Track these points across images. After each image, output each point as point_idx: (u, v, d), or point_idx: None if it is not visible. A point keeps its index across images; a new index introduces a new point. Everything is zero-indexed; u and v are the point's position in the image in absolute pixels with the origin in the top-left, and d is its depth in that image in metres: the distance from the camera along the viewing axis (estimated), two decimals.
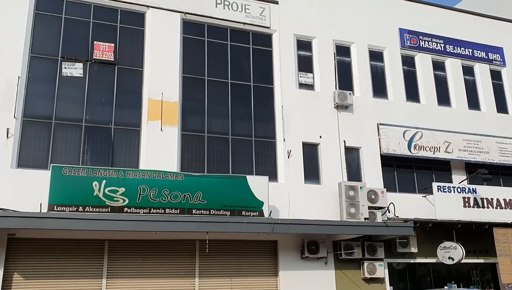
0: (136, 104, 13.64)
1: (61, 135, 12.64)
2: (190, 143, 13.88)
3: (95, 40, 13.61)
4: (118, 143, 13.20)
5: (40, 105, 12.69)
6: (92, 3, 13.86)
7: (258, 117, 14.79)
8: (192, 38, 14.80)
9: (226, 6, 15.24)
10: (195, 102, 14.31)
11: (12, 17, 12.80)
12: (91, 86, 13.28)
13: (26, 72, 12.68)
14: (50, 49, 13.17)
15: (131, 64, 13.93)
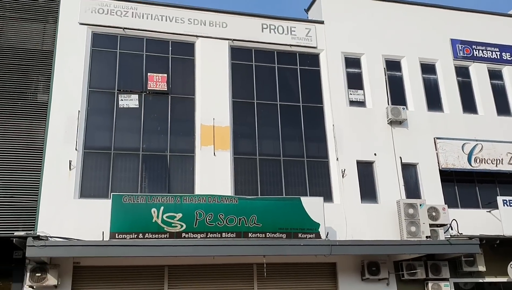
0: (190, 130, 13.96)
1: (120, 164, 13.11)
2: (243, 166, 13.99)
3: (149, 72, 14.13)
4: (173, 169, 13.51)
5: (100, 137, 13.25)
6: (144, 37, 14.46)
7: (309, 137, 14.71)
8: (240, 63, 15.06)
9: (272, 30, 15.44)
10: (245, 126, 14.47)
11: (72, 55, 13.56)
12: (146, 115, 13.75)
13: (85, 106, 13.33)
14: (107, 83, 13.80)
15: (183, 92, 14.32)
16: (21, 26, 13.67)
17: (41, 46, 13.65)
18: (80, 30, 13.88)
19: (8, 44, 13.41)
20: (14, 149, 12.46)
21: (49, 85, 13.22)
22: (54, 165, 12.39)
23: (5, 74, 13.09)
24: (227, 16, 15.20)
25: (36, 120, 12.86)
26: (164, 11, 14.71)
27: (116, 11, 14.32)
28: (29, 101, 13.05)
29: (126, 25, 14.29)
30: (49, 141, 12.61)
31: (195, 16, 14.92)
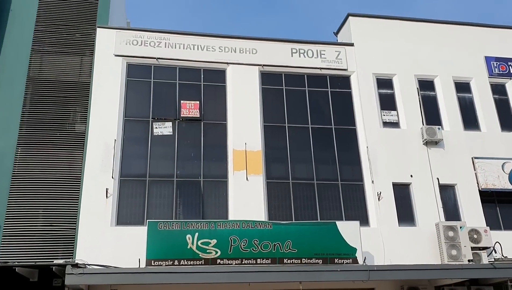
0: (222, 156, 14.06)
1: (155, 191, 13.28)
2: (276, 190, 13.92)
3: (182, 99, 14.40)
4: (207, 195, 13.58)
5: (135, 164, 13.51)
6: (177, 66, 14.80)
7: (342, 160, 14.55)
8: (271, 88, 15.18)
9: (301, 54, 15.54)
10: (277, 150, 14.46)
11: (107, 86, 14.00)
12: (180, 142, 13.95)
13: (121, 135, 13.65)
14: (142, 112, 14.13)
15: (216, 118, 14.49)
16: (59, 59, 14.26)
17: (78, 78, 14.17)
18: (116, 62, 14.34)
19: (47, 77, 13.98)
20: (53, 178, 12.84)
21: (86, 115, 13.65)
22: (91, 193, 12.67)
23: (45, 106, 13.61)
24: (256, 43, 15.41)
25: (74, 150, 13.25)
26: (195, 40, 15.05)
27: (150, 42, 14.75)
28: (67, 131, 13.49)
29: (160, 55, 14.68)
30: (86, 170, 12.94)
31: (226, 44, 15.20)
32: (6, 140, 13.02)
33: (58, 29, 14.60)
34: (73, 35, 14.63)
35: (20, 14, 14.57)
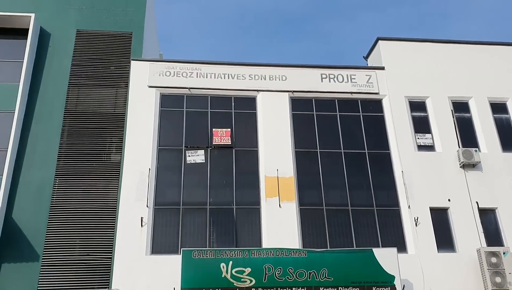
0: (254, 182, 14.05)
1: (188, 219, 13.34)
2: (309, 217, 13.75)
3: (214, 127, 14.57)
4: (240, 222, 13.53)
5: (169, 193, 13.64)
6: (208, 95, 15.03)
7: (377, 185, 14.29)
8: (301, 113, 15.18)
9: (331, 79, 15.54)
10: (310, 176, 14.33)
11: (142, 116, 14.32)
12: (212, 170, 14.04)
13: (155, 164, 13.85)
14: (175, 140, 14.34)
15: (247, 145, 14.56)
16: (96, 92, 14.72)
17: (114, 110, 14.56)
18: (149, 93, 14.70)
19: (84, 109, 14.43)
20: (90, 208, 13.09)
21: (122, 145, 13.95)
22: (127, 222, 12.84)
23: (82, 137, 14.01)
24: (286, 70, 15.53)
25: (110, 180, 13.52)
26: (226, 70, 15.31)
27: (182, 73, 15.08)
28: (103, 161, 13.80)
29: (191, 85, 14.97)
30: (122, 199, 13.15)
31: (256, 72, 15.38)
32: (45, 172, 13.41)
33: (94, 63, 15.12)
34: (108, 68, 15.11)
35: (58, 49, 15.20)
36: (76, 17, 15.74)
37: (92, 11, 15.90)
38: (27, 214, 12.85)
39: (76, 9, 15.87)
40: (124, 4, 16.12)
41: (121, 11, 16.00)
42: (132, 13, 16.02)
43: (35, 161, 13.52)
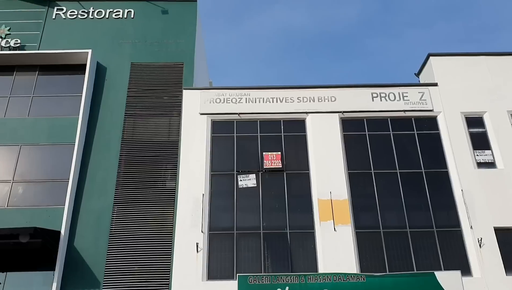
0: (307, 206, 13.88)
1: (243, 244, 13.33)
2: (366, 240, 13.37)
3: (264, 151, 14.62)
4: (295, 246, 13.36)
5: (223, 218, 13.73)
6: (258, 119, 15.16)
7: (436, 205, 13.73)
8: (353, 134, 14.97)
9: (382, 98, 15.28)
10: (365, 197, 14.01)
11: (194, 143, 14.63)
12: (264, 194, 14.03)
13: (208, 189, 14.02)
14: (227, 165, 14.50)
15: (298, 168, 14.48)
16: (150, 121, 15.21)
17: (168, 138, 14.96)
18: (201, 120, 15.02)
19: (139, 138, 14.91)
20: (147, 234, 13.37)
21: (176, 172, 14.26)
22: (183, 248, 13.00)
23: (138, 166, 14.44)
24: (335, 90, 15.44)
25: (165, 206, 13.80)
26: (274, 93, 15.42)
27: (232, 99, 15.33)
28: (159, 188, 14.13)
29: (241, 110, 15.17)
30: (177, 225, 13.37)
31: (304, 94, 15.38)
32: (104, 200, 13.89)
33: (148, 93, 15.69)
34: (161, 97, 15.62)
35: (114, 82, 15.91)
36: (130, 51, 16.47)
37: (145, 45, 16.59)
38: (87, 242, 13.30)
39: (130, 43, 16.61)
40: (175, 36, 16.73)
41: (172, 43, 16.59)
42: (183, 44, 16.58)
43: (95, 190, 14.05)
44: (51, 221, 13.39)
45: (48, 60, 16.04)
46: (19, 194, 14.02)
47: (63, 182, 14.05)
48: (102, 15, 17.12)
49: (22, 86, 15.88)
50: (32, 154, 14.63)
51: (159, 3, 17.40)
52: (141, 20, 17.09)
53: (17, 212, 13.64)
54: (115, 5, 17.26)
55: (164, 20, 17.09)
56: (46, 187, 14.15)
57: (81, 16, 17.11)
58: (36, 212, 13.60)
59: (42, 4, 17.22)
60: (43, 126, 15.00)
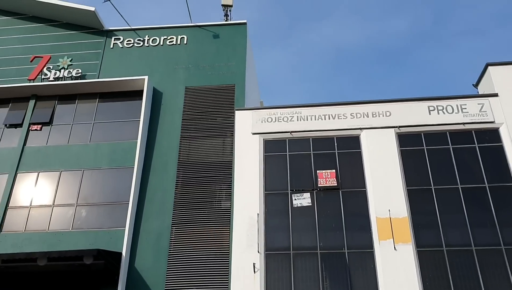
0: (365, 225, 13.54)
1: (299, 264, 13.15)
2: (429, 259, 12.82)
3: (318, 169, 14.48)
4: (353, 267, 13.02)
5: (278, 238, 13.64)
6: (310, 137, 15.08)
7: (503, 221, 12.98)
8: (410, 149, 14.53)
9: (440, 111, 14.78)
10: (425, 215, 13.49)
11: (248, 163, 14.74)
12: (320, 213, 13.84)
13: (263, 209, 14.02)
14: (281, 184, 14.45)
15: (354, 186, 14.19)
16: (204, 142, 15.52)
17: (221, 158, 15.18)
18: (253, 139, 15.14)
19: (195, 160, 15.23)
20: (204, 254, 13.52)
21: (231, 192, 14.39)
22: (240, 268, 13.01)
23: (194, 186, 14.72)
24: (390, 105, 15.12)
25: (221, 226, 13.92)
26: (326, 110, 15.31)
27: (283, 118, 15.38)
28: (214, 208, 14.30)
29: (293, 128, 15.16)
30: (234, 245, 13.42)
31: (357, 110, 15.17)
32: (163, 221, 14.22)
33: (201, 115, 16.06)
34: (215, 119, 15.93)
35: (169, 106, 16.41)
36: (184, 75, 16.99)
37: (198, 69, 17.06)
38: (148, 263, 13.61)
39: (184, 68, 17.15)
40: (226, 59, 17.10)
41: (224, 65, 16.96)
42: (234, 66, 16.90)
43: (154, 211, 14.43)
44: (113, 242, 13.86)
45: (107, 88, 16.84)
46: (82, 217, 14.64)
47: (123, 204, 14.53)
48: (157, 42, 17.83)
49: (83, 113, 16.73)
50: (94, 178, 15.29)
51: (210, 28, 17.91)
52: (193, 45, 17.63)
53: (81, 234, 14.24)
54: (168, 32, 17.94)
55: (215, 44, 17.54)
56: (108, 210, 14.69)
57: (137, 44, 17.89)
58: (99, 234, 14.14)
59: (100, 35, 18.18)
60: (104, 151, 15.67)
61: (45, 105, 16.96)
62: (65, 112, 16.83)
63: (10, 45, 18.29)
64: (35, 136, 16.40)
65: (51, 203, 14.97)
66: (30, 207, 14.99)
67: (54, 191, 15.18)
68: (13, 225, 14.73)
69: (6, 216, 14.88)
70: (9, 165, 15.78)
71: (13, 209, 15.03)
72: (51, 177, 15.46)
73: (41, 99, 17.10)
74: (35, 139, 16.34)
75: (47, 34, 18.33)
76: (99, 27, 18.18)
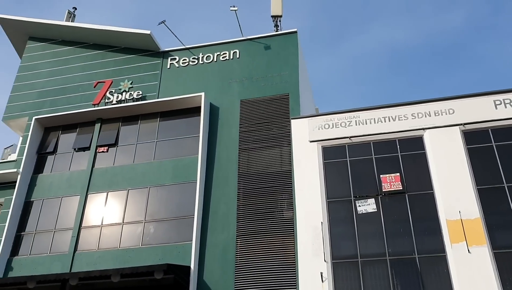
0: (435, 228, 13.01)
1: (368, 272, 12.82)
2: (507, 261, 12.12)
3: (381, 174, 14.11)
4: (426, 272, 12.52)
5: (344, 246, 13.38)
6: (371, 141, 14.76)
7: None
8: (478, 146, 13.86)
9: (507, 105, 14.03)
10: (500, 214, 12.80)
11: (307, 171, 14.63)
12: (386, 218, 13.46)
13: (327, 217, 13.83)
14: (343, 191, 14.21)
15: (420, 188, 13.71)
16: (262, 153, 15.61)
17: (280, 168, 15.19)
18: (311, 147, 15.03)
19: (254, 171, 15.34)
20: (270, 264, 13.51)
21: (292, 201, 14.34)
22: (307, 278, 12.88)
23: (255, 198, 14.81)
24: (452, 102, 14.52)
25: (285, 236, 13.89)
26: (386, 113, 14.94)
27: (341, 123, 15.17)
28: (277, 219, 14.29)
29: (352, 133, 14.91)
30: (299, 255, 13.32)
31: (418, 110, 14.69)
32: (227, 233, 14.40)
33: (258, 127, 16.18)
34: (271, 129, 15.99)
35: (226, 120, 16.68)
36: (238, 89, 17.24)
37: (251, 81, 17.25)
38: (216, 275, 13.80)
39: (238, 82, 17.40)
40: (278, 69, 17.18)
41: (277, 75, 17.04)
42: (287, 75, 16.94)
43: (218, 224, 14.65)
44: (181, 256, 14.20)
45: (167, 107, 17.41)
46: (151, 233, 15.12)
47: (189, 218, 14.87)
48: (210, 59, 18.24)
49: (146, 132, 17.38)
50: (160, 194, 15.78)
51: (261, 40, 18.10)
52: (246, 59, 17.87)
53: (150, 250, 14.70)
54: (221, 48, 18.31)
55: (267, 55, 17.68)
56: (174, 224, 15.09)
57: (192, 63, 18.39)
58: (167, 249, 14.53)
59: (157, 56, 18.87)
60: (168, 168, 16.16)
61: (110, 128, 17.79)
62: (129, 133, 17.56)
63: (75, 73, 19.39)
64: (102, 158, 17.21)
65: (121, 221, 15.60)
66: (101, 226, 15.70)
67: (123, 209, 15.82)
68: (87, 244, 15.48)
69: (80, 236, 15.65)
70: (80, 187, 16.64)
71: (86, 228, 15.80)
72: (119, 196, 16.13)
73: (106, 122, 17.95)
74: (102, 160, 17.15)
75: (108, 60, 19.28)
76: (156, 49, 18.87)
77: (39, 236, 16.15)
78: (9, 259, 15.85)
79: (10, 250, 16.02)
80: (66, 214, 16.26)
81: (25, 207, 16.87)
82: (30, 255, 15.80)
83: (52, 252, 15.62)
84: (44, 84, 19.46)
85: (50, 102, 18.84)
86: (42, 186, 17.16)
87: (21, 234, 16.34)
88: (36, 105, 18.93)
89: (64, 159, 17.68)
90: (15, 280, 13.44)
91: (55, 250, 15.64)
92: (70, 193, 16.67)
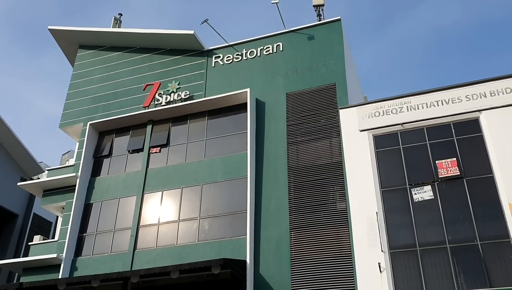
0: (497, 213, 12.47)
1: (428, 261, 12.46)
2: None
3: (436, 159, 13.66)
4: (489, 259, 12.02)
5: (402, 235, 13.07)
6: (424, 126, 14.31)
7: None
8: None
9: None
10: None
11: (359, 161, 14.39)
12: (444, 205, 13.03)
13: (381, 207, 13.55)
14: (397, 180, 13.87)
15: (479, 172, 13.17)
16: (311, 146, 15.49)
17: (331, 159, 15.02)
18: (362, 137, 14.76)
19: (304, 164, 15.26)
20: (326, 256, 13.44)
21: (345, 192, 14.16)
22: (364, 269, 12.70)
23: (306, 190, 14.73)
24: (509, 81, 13.82)
25: (339, 227, 13.75)
26: (438, 96, 14.44)
27: (391, 110, 14.80)
28: (330, 210, 14.16)
29: (404, 120, 14.51)
30: (355, 246, 13.16)
31: (473, 91, 14.08)
32: (281, 226, 14.42)
33: (305, 119, 16.07)
34: (319, 121, 15.84)
35: (273, 114, 16.67)
36: (283, 82, 17.17)
37: (296, 73, 17.14)
38: (271, 269, 13.87)
39: (282, 75, 17.34)
40: (323, 59, 16.96)
41: (322, 65, 16.83)
42: (332, 65, 16.69)
43: (271, 218, 14.70)
44: (236, 251, 14.37)
45: (214, 105, 17.63)
46: (206, 229, 15.40)
47: (241, 213, 15.02)
48: (254, 54, 18.28)
49: (196, 131, 17.68)
50: (212, 191, 16.03)
51: (304, 30, 17.93)
52: (290, 51, 17.77)
53: (206, 245, 14.98)
54: (264, 42, 18.30)
55: (311, 46, 17.49)
56: (228, 220, 15.29)
57: (236, 59, 18.51)
58: (223, 244, 14.76)
59: (201, 56, 19.13)
60: (218, 165, 16.38)
61: (161, 129, 18.25)
62: (179, 132, 17.94)
63: (124, 77, 20.00)
64: (156, 158, 17.68)
65: (177, 218, 15.99)
66: (158, 224, 16.15)
67: (178, 207, 16.20)
68: (145, 243, 15.98)
69: (139, 235, 16.18)
70: (136, 187, 17.18)
71: (144, 227, 16.30)
72: (173, 195, 16.53)
73: (157, 123, 18.43)
74: (155, 161, 17.62)
75: (155, 62, 19.75)
76: (200, 48, 19.14)
77: (100, 236, 16.84)
78: (74, 260, 16.64)
79: (73, 251, 16.82)
80: (124, 214, 16.86)
81: (85, 209, 17.63)
82: (93, 255, 16.52)
83: (113, 251, 16.25)
84: (96, 90, 20.22)
85: (103, 107, 19.55)
86: (100, 189, 17.87)
87: (83, 235, 17.11)
88: (90, 110, 19.71)
89: (119, 162, 18.32)
90: (80, 280, 14.08)
91: (115, 249, 16.26)
92: (127, 193, 17.25)
